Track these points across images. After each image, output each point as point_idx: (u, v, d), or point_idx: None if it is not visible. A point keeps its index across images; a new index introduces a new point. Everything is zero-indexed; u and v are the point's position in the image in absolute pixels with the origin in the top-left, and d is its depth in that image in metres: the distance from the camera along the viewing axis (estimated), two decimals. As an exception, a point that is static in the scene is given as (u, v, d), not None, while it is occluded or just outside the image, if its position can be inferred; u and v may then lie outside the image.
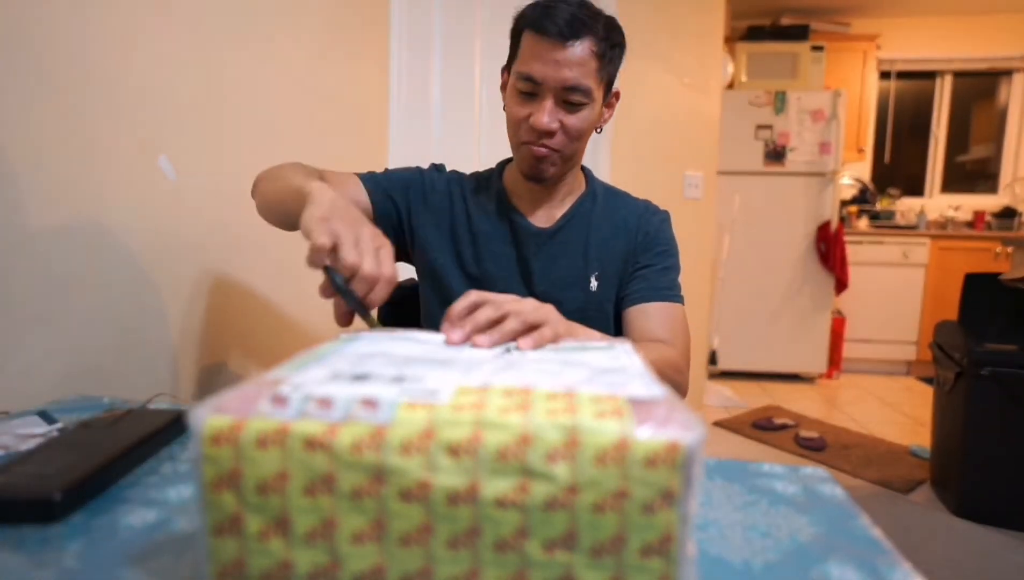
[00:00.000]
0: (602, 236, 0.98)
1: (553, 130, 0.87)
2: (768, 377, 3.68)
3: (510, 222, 0.98)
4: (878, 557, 0.46)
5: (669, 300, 0.96)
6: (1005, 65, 4.16)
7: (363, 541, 0.33)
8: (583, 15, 0.83)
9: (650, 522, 0.32)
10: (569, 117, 0.87)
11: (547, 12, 0.83)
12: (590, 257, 0.97)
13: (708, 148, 2.73)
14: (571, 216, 0.98)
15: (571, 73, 0.83)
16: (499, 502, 0.32)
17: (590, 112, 0.89)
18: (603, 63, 0.87)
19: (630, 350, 0.52)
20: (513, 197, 1.00)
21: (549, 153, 0.89)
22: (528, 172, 0.92)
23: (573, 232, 0.98)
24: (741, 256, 3.60)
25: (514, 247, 0.98)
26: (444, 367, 0.42)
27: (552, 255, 0.97)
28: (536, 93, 0.86)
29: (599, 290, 0.97)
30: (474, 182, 1.03)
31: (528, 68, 0.85)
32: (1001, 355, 1.87)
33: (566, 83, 0.84)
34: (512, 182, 1.00)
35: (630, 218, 1.00)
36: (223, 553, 0.34)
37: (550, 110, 0.85)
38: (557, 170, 0.92)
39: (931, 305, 3.73)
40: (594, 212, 1.00)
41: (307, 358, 0.44)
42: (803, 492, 0.57)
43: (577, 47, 0.83)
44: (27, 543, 0.46)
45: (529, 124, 0.87)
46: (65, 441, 0.61)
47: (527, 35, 0.86)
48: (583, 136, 0.91)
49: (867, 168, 4.31)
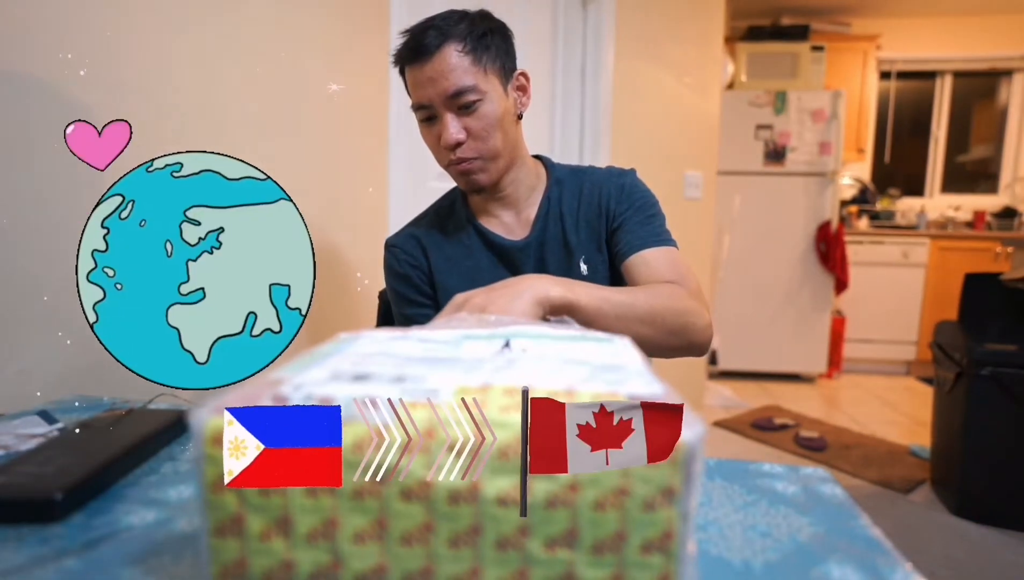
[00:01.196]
0: (576, 218, 0.97)
1: (461, 140, 0.88)
2: (768, 377, 3.68)
3: (490, 245, 0.98)
4: (878, 557, 0.46)
5: (665, 245, 0.93)
6: (1005, 65, 4.16)
7: (365, 541, 0.33)
8: (438, 23, 0.85)
9: (651, 519, 0.32)
10: (470, 120, 0.87)
11: (407, 42, 0.87)
12: (571, 245, 0.96)
13: (708, 148, 2.73)
14: (544, 213, 0.98)
15: (446, 82, 0.85)
16: (500, 501, 0.32)
17: (490, 105, 0.88)
18: (478, 55, 0.87)
19: (629, 345, 0.52)
20: (481, 217, 1.00)
21: (471, 162, 0.90)
22: (466, 188, 0.94)
23: (550, 228, 0.97)
24: (741, 256, 3.60)
25: (504, 268, 0.98)
26: (445, 366, 0.42)
27: (539, 258, 0.97)
28: (433, 115, 0.88)
29: (590, 272, 0.96)
30: (437, 219, 1.03)
31: (415, 97, 0.88)
32: (1001, 355, 1.87)
33: (447, 92, 0.85)
34: (475, 204, 1.01)
35: (595, 187, 0.98)
36: (225, 554, 0.34)
37: (450, 123, 0.87)
38: (489, 174, 0.92)
39: (931, 305, 3.73)
40: (564, 199, 0.98)
41: (308, 358, 0.44)
42: (803, 492, 0.57)
43: (441, 56, 0.84)
44: (27, 543, 0.46)
45: (441, 145, 0.88)
46: (65, 441, 0.61)
47: (407, 70, 0.89)
48: (493, 130, 0.89)
49: (867, 168, 4.31)
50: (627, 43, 2.47)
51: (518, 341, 0.50)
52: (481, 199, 0.98)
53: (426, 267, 0.99)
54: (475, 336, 0.52)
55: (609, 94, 2.46)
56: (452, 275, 0.98)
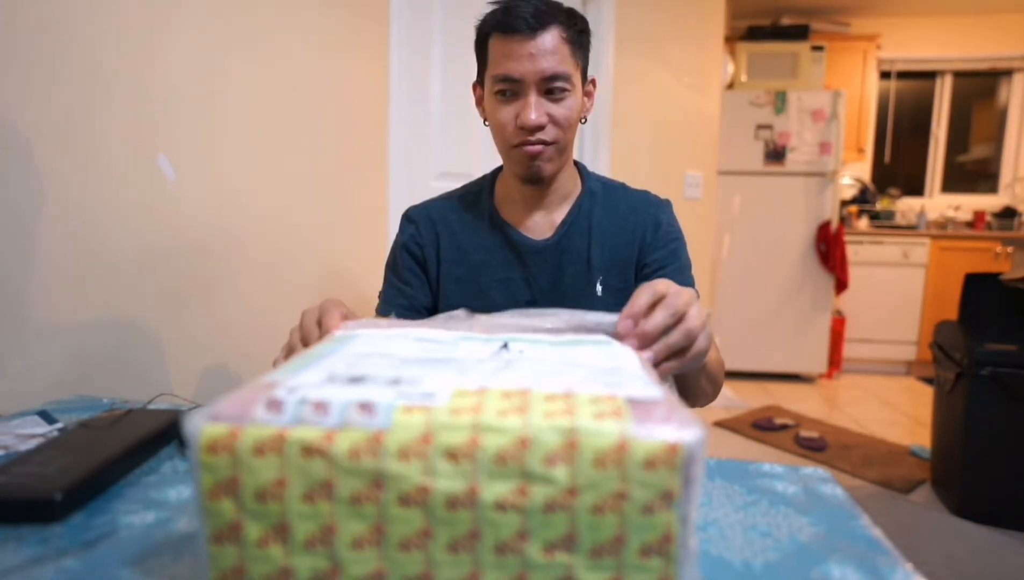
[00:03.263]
0: (604, 238, 0.95)
1: (543, 124, 0.85)
2: (768, 377, 3.68)
3: (509, 243, 0.95)
4: (879, 557, 0.46)
5: None
6: (1005, 65, 4.16)
7: (363, 546, 0.33)
8: (544, 6, 0.83)
9: (650, 522, 0.32)
10: (555, 107, 0.85)
11: (509, 10, 0.83)
12: (594, 263, 0.94)
13: (708, 148, 2.73)
14: (571, 221, 0.95)
15: (547, 63, 0.82)
16: (499, 505, 0.32)
17: (574, 100, 0.87)
18: (575, 48, 0.85)
19: (628, 349, 0.51)
20: (505, 212, 0.97)
21: (543, 149, 0.86)
22: (525, 174, 0.89)
23: (575, 238, 0.95)
24: (741, 256, 3.60)
25: (517, 268, 0.95)
26: (441, 367, 0.42)
27: (556, 265, 0.95)
28: (517, 92, 0.85)
29: (604, 295, 0.94)
30: (460, 205, 0.99)
31: (504, 69, 0.84)
32: (1001, 355, 1.87)
33: (544, 73, 0.82)
34: (504, 195, 0.97)
35: (631, 215, 0.97)
36: (223, 560, 0.34)
37: (535, 104, 0.84)
38: (554, 166, 0.90)
39: (931, 305, 3.73)
40: (594, 212, 0.96)
41: (303, 359, 0.44)
42: (803, 492, 0.57)
43: (548, 36, 0.82)
44: (27, 543, 0.46)
45: (517, 124, 0.85)
46: (65, 441, 0.60)
47: (495, 39, 0.85)
48: (572, 125, 0.88)
49: (867, 168, 4.31)
50: (627, 42, 2.47)
51: (516, 343, 0.50)
52: (518, 192, 0.94)
53: (433, 256, 0.97)
54: (472, 336, 0.52)
55: (609, 94, 2.46)
56: (460, 265, 0.96)
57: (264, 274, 1.35)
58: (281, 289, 1.40)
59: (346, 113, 1.60)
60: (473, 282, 0.96)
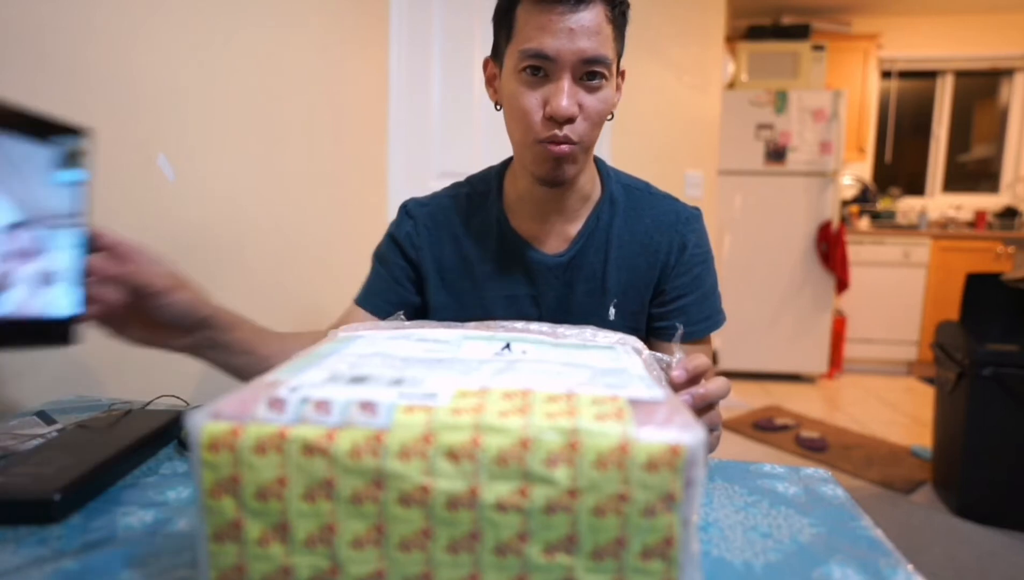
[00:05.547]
0: (622, 256, 0.84)
1: (575, 115, 0.71)
2: (769, 377, 3.68)
3: (518, 257, 0.84)
4: (880, 558, 0.46)
5: (714, 329, 0.86)
6: (1006, 64, 4.16)
7: (363, 546, 0.33)
8: None
9: (651, 524, 0.32)
10: (589, 98, 0.72)
11: None
12: (609, 284, 0.84)
13: (709, 148, 2.73)
14: (588, 234, 0.84)
15: (589, 43, 0.69)
16: (499, 506, 0.32)
17: (609, 91, 0.74)
18: (616, 32, 0.73)
19: (631, 350, 0.51)
20: (516, 219, 0.85)
21: (571, 150, 0.73)
22: (545, 176, 0.76)
23: (590, 254, 0.84)
24: (742, 256, 3.59)
25: (525, 284, 0.85)
26: (443, 368, 0.42)
27: (567, 283, 0.84)
28: (548, 73, 0.71)
29: (616, 319, 0.85)
30: (467, 207, 0.88)
31: (537, 43, 0.69)
32: (1002, 355, 1.87)
33: (584, 54, 0.69)
34: (515, 197, 0.85)
35: (655, 233, 0.85)
36: (223, 559, 0.34)
37: (569, 90, 0.70)
38: (578, 167, 0.77)
39: (932, 305, 3.73)
40: (613, 225, 0.84)
41: (305, 359, 0.44)
42: (804, 493, 0.57)
43: (591, 12, 0.69)
44: (25, 544, 0.45)
45: (546, 114, 0.71)
46: (64, 442, 0.60)
47: (526, 7, 0.70)
48: (602, 121, 0.75)
49: (868, 168, 4.31)
50: (627, 42, 2.46)
51: (518, 344, 0.50)
52: (531, 194, 0.82)
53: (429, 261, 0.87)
54: (475, 337, 0.52)
55: (610, 93, 2.45)
56: (463, 277, 0.87)
57: (263, 274, 1.35)
58: (281, 289, 1.40)
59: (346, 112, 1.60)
60: (474, 295, 0.86)
